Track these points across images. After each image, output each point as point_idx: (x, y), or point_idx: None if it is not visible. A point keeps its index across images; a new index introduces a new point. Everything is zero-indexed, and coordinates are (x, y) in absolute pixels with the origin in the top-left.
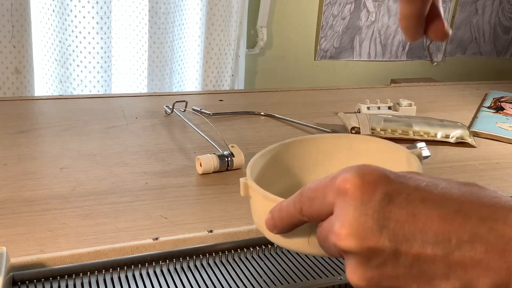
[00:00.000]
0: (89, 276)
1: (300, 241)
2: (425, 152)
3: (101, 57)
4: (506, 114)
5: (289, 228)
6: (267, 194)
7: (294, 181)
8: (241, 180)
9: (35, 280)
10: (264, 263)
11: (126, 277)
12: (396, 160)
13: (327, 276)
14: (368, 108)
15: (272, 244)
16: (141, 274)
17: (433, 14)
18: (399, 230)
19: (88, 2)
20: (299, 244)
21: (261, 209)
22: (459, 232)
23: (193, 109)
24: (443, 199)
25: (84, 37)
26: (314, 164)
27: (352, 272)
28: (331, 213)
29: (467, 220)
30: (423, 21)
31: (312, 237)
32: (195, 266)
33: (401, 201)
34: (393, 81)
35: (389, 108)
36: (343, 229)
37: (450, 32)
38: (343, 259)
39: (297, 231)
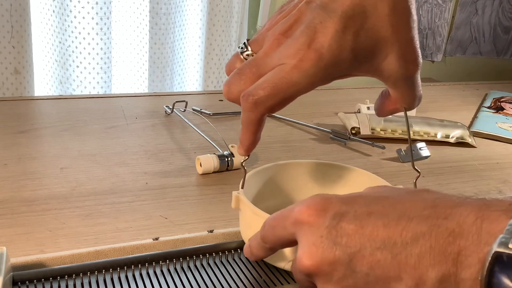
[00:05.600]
0: (89, 276)
1: (282, 263)
2: (425, 152)
3: (101, 58)
4: (506, 114)
5: (263, 255)
6: (256, 209)
7: (286, 199)
8: (234, 193)
9: (35, 280)
10: (264, 263)
11: (126, 277)
12: None
13: None
14: (368, 108)
15: None
16: (141, 274)
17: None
18: (350, 242)
19: (88, 2)
20: (282, 264)
21: (248, 222)
22: (402, 234)
23: (193, 109)
24: (387, 209)
25: (84, 38)
26: (306, 186)
27: None
28: (291, 241)
29: (409, 222)
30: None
31: (290, 262)
32: (195, 266)
33: (350, 218)
34: None
35: None
36: (303, 254)
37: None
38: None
39: (279, 254)
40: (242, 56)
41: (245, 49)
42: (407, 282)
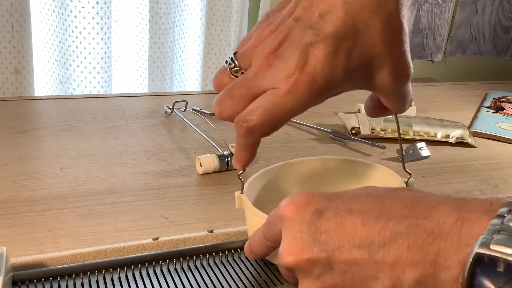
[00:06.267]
0: (89, 276)
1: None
2: (425, 152)
3: (101, 58)
4: (506, 114)
5: (263, 253)
6: (254, 209)
7: None
8: (236, 194)
9: (35, 280)
10: (264, 263)
11: (126, 277)
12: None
13: None
14: None
15: None
16: (141, 274)
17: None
18: (329, 240)
19: (88, 2)
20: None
21: (250, 223)
22: (381, 233)
23: (193, 109)
24: (367, 207)
25: (84, 38)
26: (318, 185)
27: (300, 286)
28: (279, 238)
29: (388, 222)
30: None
31: None
32: (195, 266)
33: (330, 215)
34: None
35: None
36: (284, 249)
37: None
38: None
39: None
40: (229, 71)
41: (233, 65)
42: (384, 282)
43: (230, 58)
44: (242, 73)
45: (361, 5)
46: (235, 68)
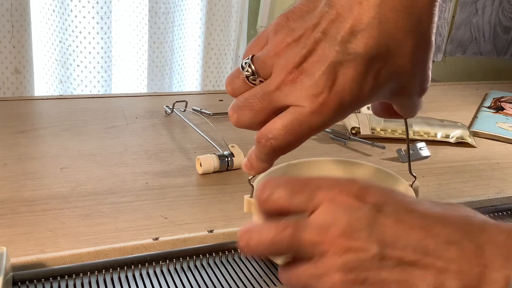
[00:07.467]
0: (89, 276)
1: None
2: (425, 152)
3: (101, 57)
4: (506, 114)
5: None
6: None
7: None
8: (245, 197)
9: (35, 280)
10: (264, 263)
11: (126, 277)
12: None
13: None
14: (368, 108)
15: None
16: (141, 274)
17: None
18: (385, 233)
19: (88, 2)
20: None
21: None
22: (437, 238)
23: (193, 109)
24: (426, 212)
25: (85, 37)
26: None
27: (322, 265)
28: (306, 210)
29: (446, 228)
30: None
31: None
32: (195, 266)
33: (390, 210)
34: None
35: None
36: (336, 229)
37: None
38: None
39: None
40: (245, 77)
41: (250, 71)
42: (430, 282)
43: (247, 64)
44: (261, 81)
45: (396, 25)
46: (253, 76)
